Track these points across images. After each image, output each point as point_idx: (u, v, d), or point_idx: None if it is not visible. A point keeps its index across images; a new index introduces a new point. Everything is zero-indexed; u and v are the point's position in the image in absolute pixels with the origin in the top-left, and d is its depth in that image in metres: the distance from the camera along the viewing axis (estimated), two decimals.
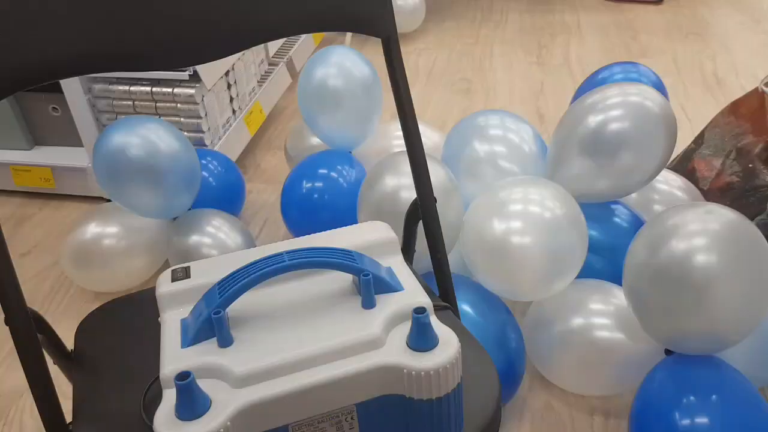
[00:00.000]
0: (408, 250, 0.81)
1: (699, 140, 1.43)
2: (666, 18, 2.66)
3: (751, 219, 1.19)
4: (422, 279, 0.73)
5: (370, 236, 0.61)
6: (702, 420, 0.82)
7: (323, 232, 0.63)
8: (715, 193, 1.32)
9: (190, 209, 1.29)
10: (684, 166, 1.42)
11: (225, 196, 1.41)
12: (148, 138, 1.19)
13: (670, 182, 1.25)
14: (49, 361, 0.62)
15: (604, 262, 1.11)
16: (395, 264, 0.59)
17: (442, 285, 0.75)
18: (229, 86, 1.67)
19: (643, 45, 2.42)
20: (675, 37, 2.48)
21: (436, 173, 1.06)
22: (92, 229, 1.25)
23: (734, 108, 1.39)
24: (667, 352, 0.94)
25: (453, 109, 2.06)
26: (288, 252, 0.51)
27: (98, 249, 1.24)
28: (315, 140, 1.51)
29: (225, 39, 0.62)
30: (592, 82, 1.39)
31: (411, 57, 2.41)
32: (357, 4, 0.67)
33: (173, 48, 0.60)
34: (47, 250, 1.52)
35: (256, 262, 0.51)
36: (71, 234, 1.26)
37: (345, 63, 1.33)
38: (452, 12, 2.83)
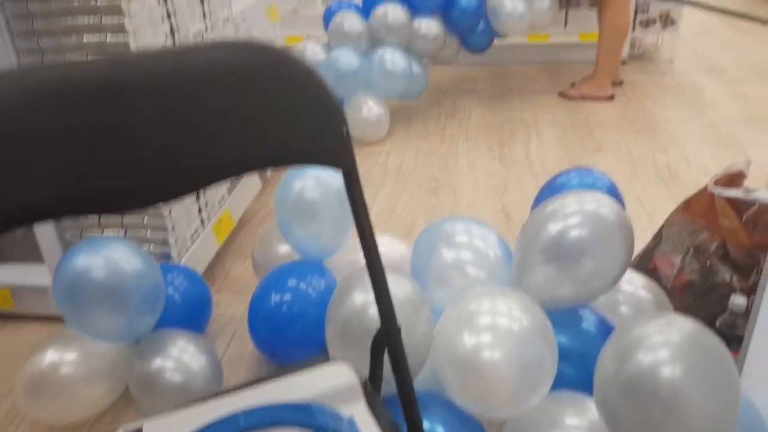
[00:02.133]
0: (375, 378, 0.79)
1: (658, 237, 1.47)
2: (618, 114, 2.82)
3: (714, 317, 1.21)
4: (388, 410, 0.71)
5: (331, 382, 0.60)
6: None
7: (284, 377, 0.61)
8: (678, 290, 1.34)
9: (153, 329, 1.26)
10: (646, 264, 1.45)
11: (190, 312, 1.38)
12: (111, 258, 1.18)
13: (633, 282, 1.27)
14: None
15: (575, 370, 1.10)
16: (357, 411, 0.58)
17: (409, 417, 0.73)
18: (197, 196, 1.68)
19: (598, 140, 2.55)
20: (627, 132, 2.61)
21: (403, 288, 1.06)
22: (49, 356, 1.20)
23: (687, 206, 1.44)
24: None
25: (421, 207, 2.11)
26: (244, 413, 0.50)
27: (54, 378, 1.19)
28: (283, 248, 1.51)
29: (187, 178, 0.62)
30: (552, 187, 1.44)
31: (380, 157, 2.48)
32: (317, 139, 0.69)
33: (135, 190, 0.61)
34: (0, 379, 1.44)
35: (210, 426, 0.49)
36: (26, 364, 1.21)
37: (321, 175, 1.36)
38: (417, 113, 2.96)
